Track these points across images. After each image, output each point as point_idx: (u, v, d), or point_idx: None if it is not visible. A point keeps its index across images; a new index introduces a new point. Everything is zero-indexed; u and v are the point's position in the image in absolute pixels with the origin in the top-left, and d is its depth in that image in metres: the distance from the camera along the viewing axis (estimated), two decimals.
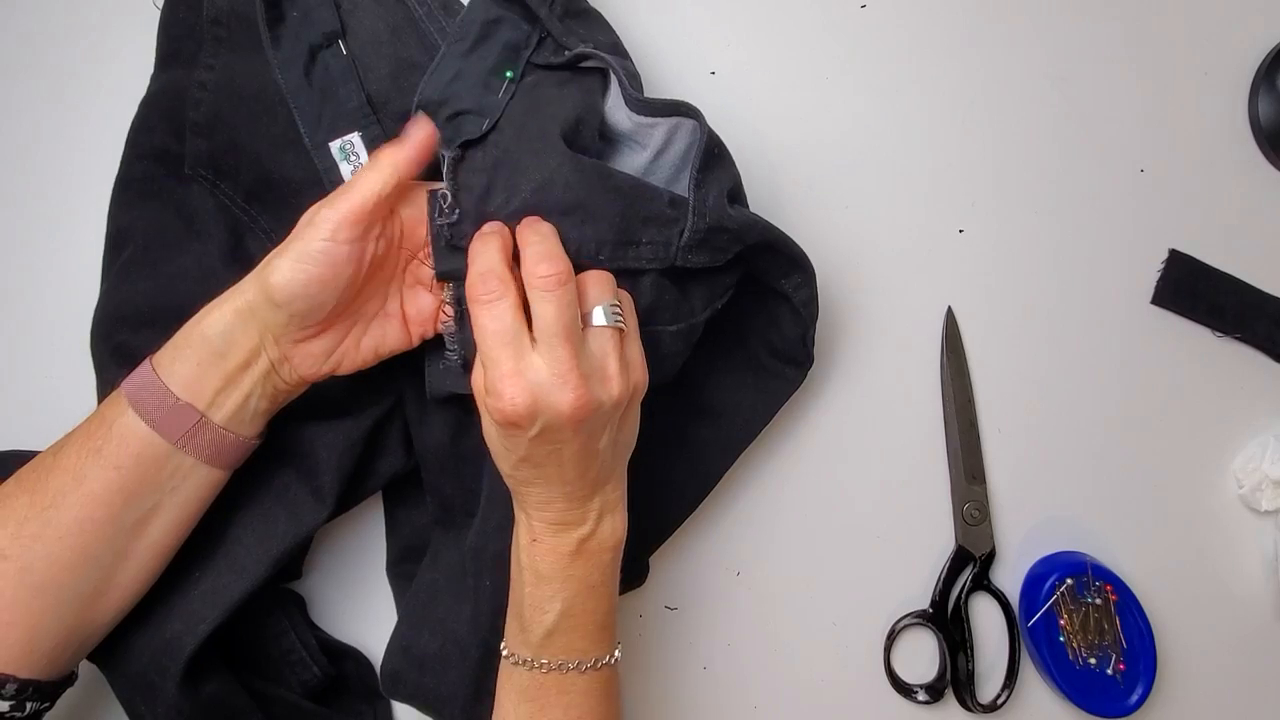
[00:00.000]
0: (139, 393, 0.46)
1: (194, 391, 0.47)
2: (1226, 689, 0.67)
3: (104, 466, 0.46)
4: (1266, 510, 0.66)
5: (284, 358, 0.48)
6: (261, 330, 0.47)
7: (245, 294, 0.47)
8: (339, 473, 0.55)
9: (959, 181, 0.67)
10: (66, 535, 0.45)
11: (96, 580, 0.47)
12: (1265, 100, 0.67)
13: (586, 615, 0.48)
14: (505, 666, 0.49)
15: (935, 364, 0.66)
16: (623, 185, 0.48)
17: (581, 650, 0.48)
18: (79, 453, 0.46)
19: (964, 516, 0.64)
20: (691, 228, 0.49)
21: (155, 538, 0.48)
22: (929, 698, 0.64)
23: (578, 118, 0.51)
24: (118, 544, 0.47)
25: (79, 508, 0.45)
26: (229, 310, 0.47)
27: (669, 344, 0.51)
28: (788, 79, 0.66)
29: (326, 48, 0.54)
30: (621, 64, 0.52)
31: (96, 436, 0.46)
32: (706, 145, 0.50)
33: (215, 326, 0.47)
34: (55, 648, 0.46)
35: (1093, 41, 0.68)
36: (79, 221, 0.60)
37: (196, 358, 0.47)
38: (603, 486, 0.48)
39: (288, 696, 0.55)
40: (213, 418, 0.47)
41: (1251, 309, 0.67)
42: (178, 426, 0.46)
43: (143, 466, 0.46)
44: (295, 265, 0.45)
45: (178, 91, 0.56)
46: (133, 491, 0.46)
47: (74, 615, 0.46)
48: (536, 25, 0.53)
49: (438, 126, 0.51)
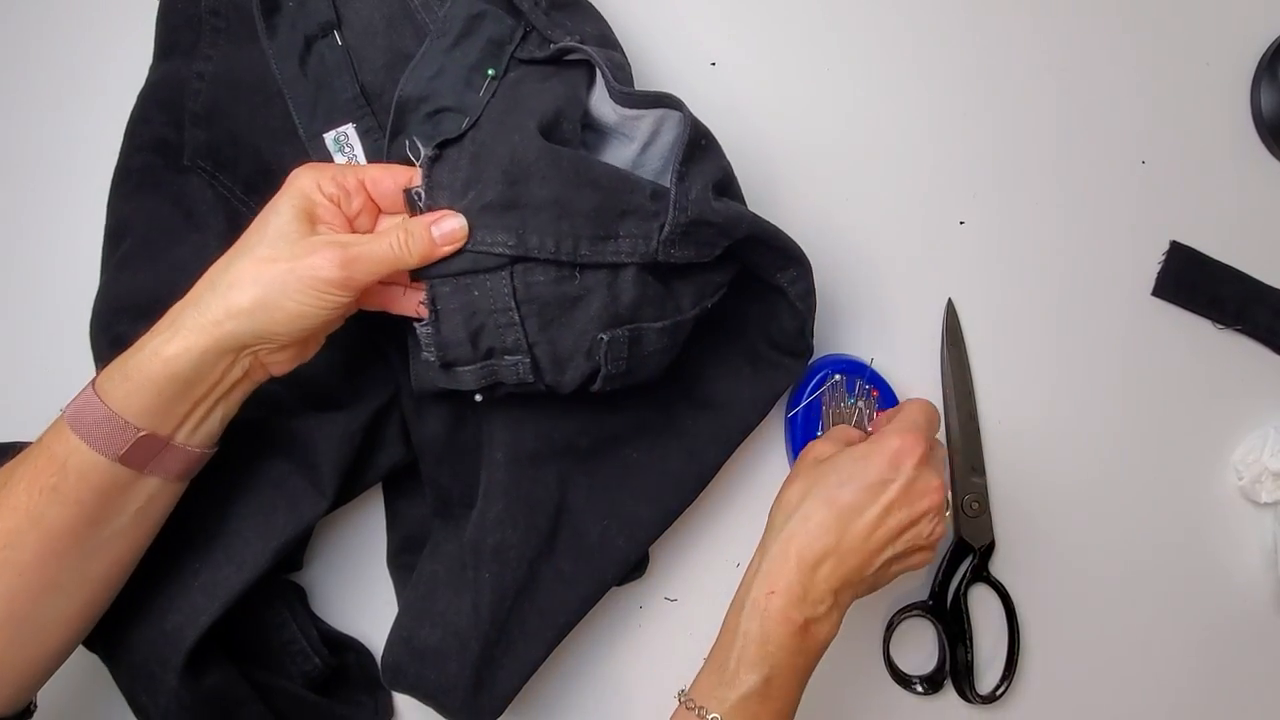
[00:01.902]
0: (91, 428, 0.44)
1: (157, 421, 0.45)
2: (1226, 680, 0.67)
3: (63, 503, 0.44)
4: (1266, 502, 0.66)
5: (259, 364, 0.47)
6: (238, 351, 0.45)
7: (223, 324, 0.44)
8: (338, 465, 0.55)
9: (960, 173, 0.66)
10: (27, 571, 0.44)
11: (60, 607, 0.45)
12: (1267, 92, 0.67)
13: (781, 696, 0.48)
14: (682, 714, 0.48)
15: (935, 355, 0.66)
16: (601, 178, 0.48)
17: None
18: (29, 490, 0.43)
19: (963, 508, 0.64)
20: (672, 221, 0.48)
21: (118, 554, 0.47)
22: (928, 689, 0.64)
23: (557, 110, 0.50)
24: (81, 569, 0.45)
25: (38, 545, 0.43)
26: (201, 341, 0.44)
27: (653, 341, 0.51)
28: (788, 70, 0.66)
29: (322, 38, 0.54)
30: (607, 55, 0.52)
31: (47, 473, 0.44)
32: (691, 137, 0.49)
33: (183, 360, 0.44)
34: (17, 679, 0.45)
35: (1094, 32, 0.68)
36: (78, 213, 0.60)
37: (157, 390, 0.44)
38: (852, 588, 0.50)
39: (289, 687, 0.55)
40: (177, 439, 0.46)
41: (1252, 300, 0.67)
42: (143, 456, 0.45)
43: (106, 496, 0.45)
44: (302, 307, 0.44)
45: (176, 82, 0.56)
46: (96, 519, 0.45)
47: (37, 645, 0.45)
48: (521, 20, 0.53)
49: (417, 123, 0.51)
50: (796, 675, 0.48)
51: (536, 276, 0.47)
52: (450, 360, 0.49)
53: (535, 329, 0.48)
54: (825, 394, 0.61)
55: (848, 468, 0.51)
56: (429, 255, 0.46)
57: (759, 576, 0.49)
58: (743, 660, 0.47)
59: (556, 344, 0.48)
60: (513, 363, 0.49)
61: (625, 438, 0.57)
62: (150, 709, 0.51)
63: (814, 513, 0.50)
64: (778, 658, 0.47)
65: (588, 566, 0.55)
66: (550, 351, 0.49)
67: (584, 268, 0.48)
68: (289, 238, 0.45)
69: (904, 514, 0.50)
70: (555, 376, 0.49)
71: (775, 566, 0.49)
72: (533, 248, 0.47)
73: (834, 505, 0.50)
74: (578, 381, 0.50)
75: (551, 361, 0.49)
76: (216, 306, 0.44)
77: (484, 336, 0.48)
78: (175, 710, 0.50)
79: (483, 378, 0.49)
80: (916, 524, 0.50)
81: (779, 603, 0.48)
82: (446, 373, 0.50)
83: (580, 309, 0.48)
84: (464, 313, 0.48)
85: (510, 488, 0.54)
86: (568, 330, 0.48)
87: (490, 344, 0.48)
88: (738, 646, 0.48)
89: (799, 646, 0.48)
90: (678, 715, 0.48)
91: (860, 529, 0.49)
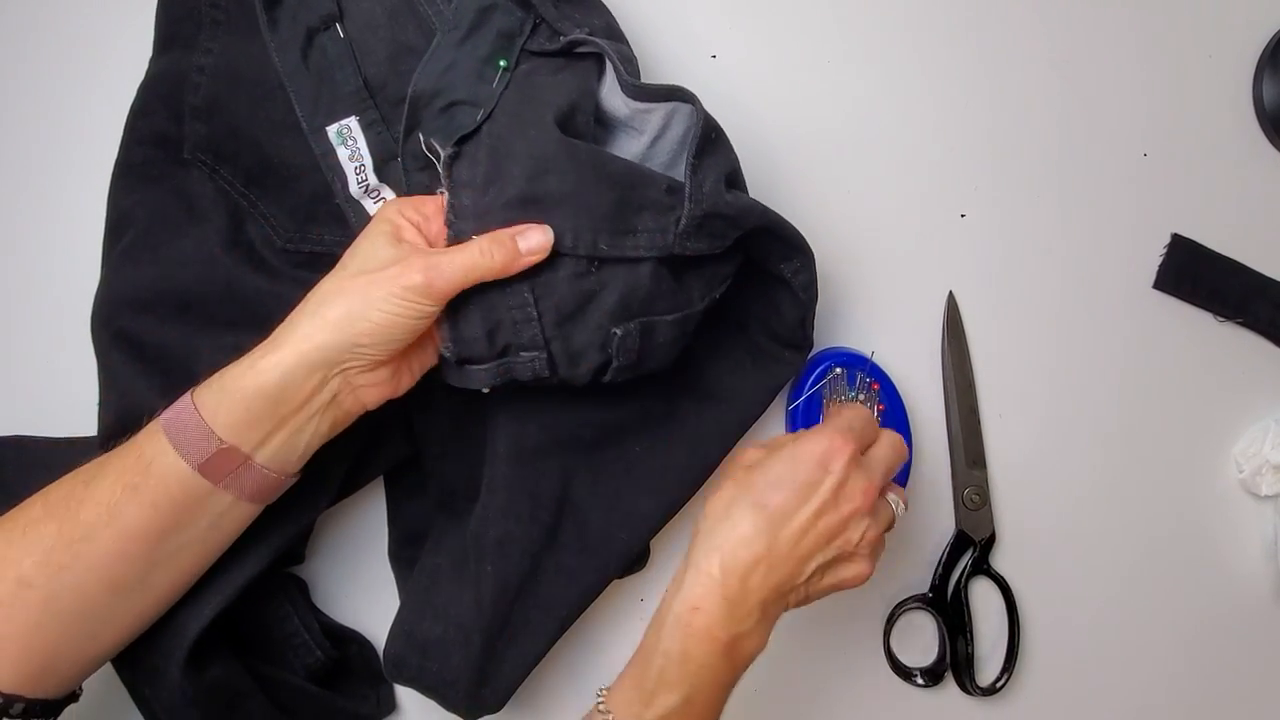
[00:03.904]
0: (180, 432, 0.45)
1: (241, 435, 0.45)
2: (1226, 671, 0.67)
3: (141, 504, 0.44)
4: (1267, 495, 0.66)
5: (349, 386, 0.47)
6: (328, 368, 0.45)
7: (313, 338, 0.45)
8: (341, 458, 0.55)
9: (961, 166, 0.66)
10: (97, 567, 0.44)
11: (121, 609, 0.46)
12: (1269, 84, 0.67)
13: (702, 713, 0.46)
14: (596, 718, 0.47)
15: (936, 348, 0.66)
16: (618, 172, 0.48)
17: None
18: (113, 487, 0.45)
19: (964, 501, 0.64)
20: (689, 214, 0.48)
21: (185, 567, 0.48)
22: (928, 681, 0.64)
23: (572, 104, 0.50)
24: (147, 575, 0.46)
25: (112, 543, 0.44)
26: (290, 356, 0.45)
27: (665, 333, 0.51)
28: (790, 63, 0.66)
29: (324, 31, 0.54)
30: (617, 48, 0.52)
31: (133, 472, 0.45)
32: (703, 130, 0.49)
33: (272, 373, 0.45)
34: (69, 669, 0.46)
35: (1096, 25, 0.67)
36: (79, 207, 0.60)
37: (246, 404, 0.45)
38: (782, 599, 0.47)
39: (291, 680, 0.56)
40: (256, 459, 0.46)
41: (1253, 294, 0.67)
42: (221, 469, 0.45)
43: (180, 506, 0.45)
44: (386, 316, 0.44)
45: (177, 75, 0.56)
46: (169, 528, 0.45)
47: (92, 639, 0.46)
48: (531, 12, 0.53)
49: (431, 118, 0.51)
50: (719, 690, 0.46)
51: (554, 272, 0.48)
52: (466, 357, 0.49)
53: (552, 325, 0.48)
54: (826, 387, 0.61)
55: (776, 471, 0.48)
56: (511, 264, 0.46)
57: (682, 590, 0.46)
58: (662, 681, 0.45)
59: (571, 339, 0.49)
60: (528, 359, 0.49)
61: (627, 431, 0.57)
62: (153, 702, 0.51)
63: (742, 519, 0.47)
64: (700, 676, 0.45)
65: (590, 559, 0.55)
66: (565, 347, 0.49)
67: (602, 262, 0.48)
68: (377, 256, 0.46)
69: (832, 517, 0.47)
70: (569, 371, 0.49)
71: (700, 580, 0.46)
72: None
73: (764, 510, 0.47)
74: (589, 375, 0.50)
75: (566, 356, 0.49)
76: (307, 323, 0.45)
77: (500, 333, 0.48)
78: (178, 703, 0.50)
79: (496, 376, 0.49)
80: (845, 529, 0.47)
81: (703, 620, 0.45)
82: (460, 370, 0.50)
83: (596, 304, 0.48)
84: (481, 309, 0.48)
85: (513, 481, 0.54)
86: (583, 325, 0.48)
87: (507, 340, 0.48)
88: (656, 665, 0.46)
89: (723, 664, 0.46)
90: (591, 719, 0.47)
91: (790, 534, 0.46)
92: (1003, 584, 0.65)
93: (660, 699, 0.45)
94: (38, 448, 0.56)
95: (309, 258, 0.55)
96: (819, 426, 0.50)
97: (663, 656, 0.46)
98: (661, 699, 0.45)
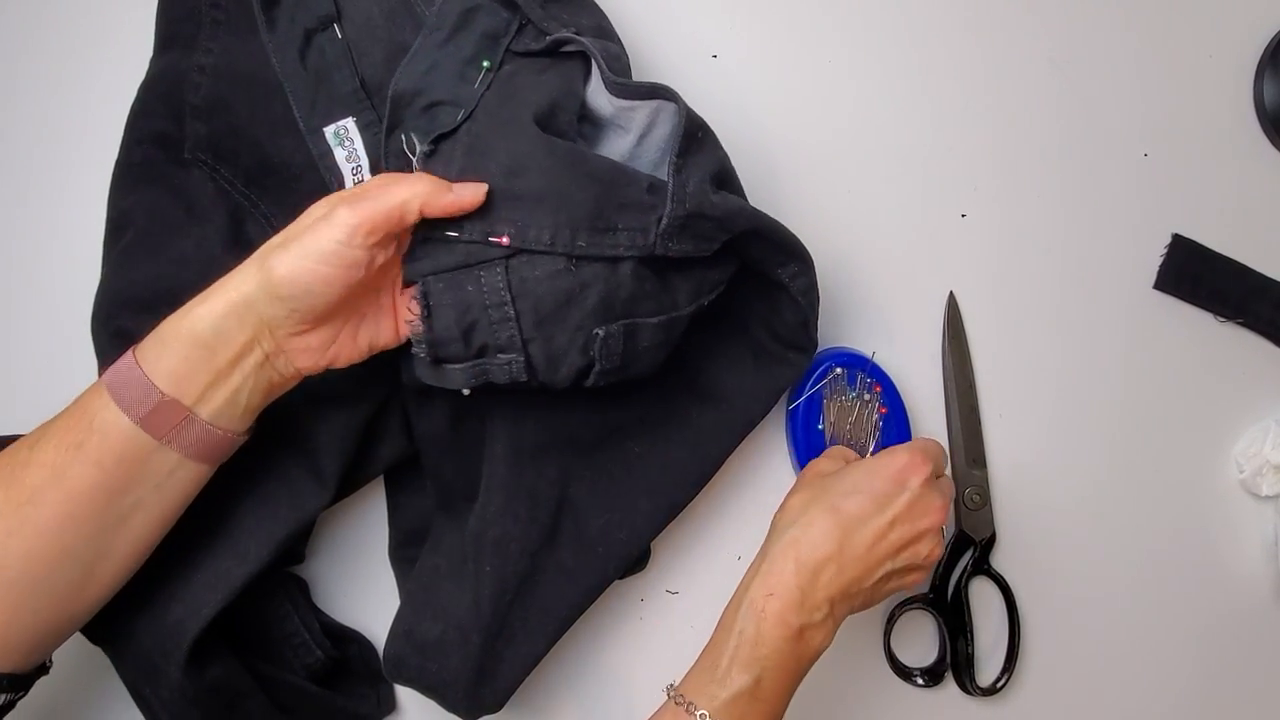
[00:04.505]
0: (122, 387, 0.44)
1: (181, 387, 0.45)
2: (1226, 672, 0.67)
3: (85, 463, 0.44)
4: (1267, 495, 0.66)
5: (280, 349, 0.47)
6: (257, 323, 0.46)
7: (241, 286, 0.45)
8: (340, 457, 0.55)
9: (961, 166, 0.66)
10: (45, 532, 0.44)
11: (75, 575, 0.45)
12: (1270, 84, 0.67)
13: (771, 699, 0.48)
14: (670, 709, 0.48)
15: (937, 349, 0.66)
16: (597, 170, 0.48)
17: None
18: (57, 447, 0.44)
19: (965, 501, 0.64)
20: (670, 214, 0.48)
21: (137, 532, 0.47)
22: (928, 681, 0.64)
23: (553, 102, 0.50)
24: (98, 540, 0.45)
25: (58, 504, 0.44)
26: (221, 303, 0.45)
27: (649, 336, 0.50)
28: (790, 63, 0.66)
29: (321, 31, 0.54)
30: (603, 46, 0.52)
31: (76, 430, 0.44)
32: (687, 129, 0.49)
33: (205, 320, 0.45)
34: (30, 640, 0.45)
35: (1096, 24, 0.67)
36: (79, 206, 0.60)
37: (184, 352, 0.45)
38: (849, 600, 0.50)
39: (291, 679, 0.56)
40: (200, 413, 0.46)
41: (1254, 294, 0.67)
42: (163, 423, 0.45)
43: (125, 463, 0.45)
44: (303, 261, 0.44)
45: (177, 75, 0.56)
46: (115, 488, 0.45)
47: (50, 609, 0.45)
48: (516, 12, 0.53)
49: (413, 117, 0.50)
50: (787, 679, 0.49)
51: (532, 271, 0.47)
52: (441, 357, 0.49)
53: (530, 325, 0.48)
54: (826, 387, 0.61)
55: (853, 479, 0.52)
56: (436, 199, 0.46)
57: (758, 578, 0.49)
58: (736, 660, 0.48)
59: (551, 341, 0.48)
60: (505, 361, 0.48)
61: (628, 431, 0.57)
62: (153, 701, 0.51)
63: (817, 520, 0.50)
64: (770, 660, 0.48)
65: (589, 560, 0.55)
66: (545, 349, 0.48)
67: (581, 261, 0.48)
68: (314, 213, 0.46)
69: (907, 529, 0.51)
70: (549, 374, 0.49)
71: (775, 569, 0.49)
72: (530, 240, 0.47)
73: (838, 514, 0.50)
74: (571, 378, 0.49)
75: (545, 359, 0.49)
76: (239, 275, 0.46)
77: (477, 333, 0.48)
78: (178, 702, 0.50)
79: (473, 377, 0.49)
80: (918, 542, 0.51)
81: (776, 606, 0.48)
82: (436, 370, 0.49)
83: (576, 303, 0.48)
84: (457, 309, 0.47)
85: (512, 481, 0.54)
86: (563, 326, 0.48)
87: (483, 340, 0.48)
88: (731, 645, 0.48)
89: (792, 651, 0.48)
90: (665, 710, 0.48)
91: (863, 540, 0.50)
92: (1003, 584, 0.65)
93: (733, 678, 0.47)
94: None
95: None
96: (899, 446, 0.54)
97: (737, 637, 0.48)
98: (734, 678, 0.47)
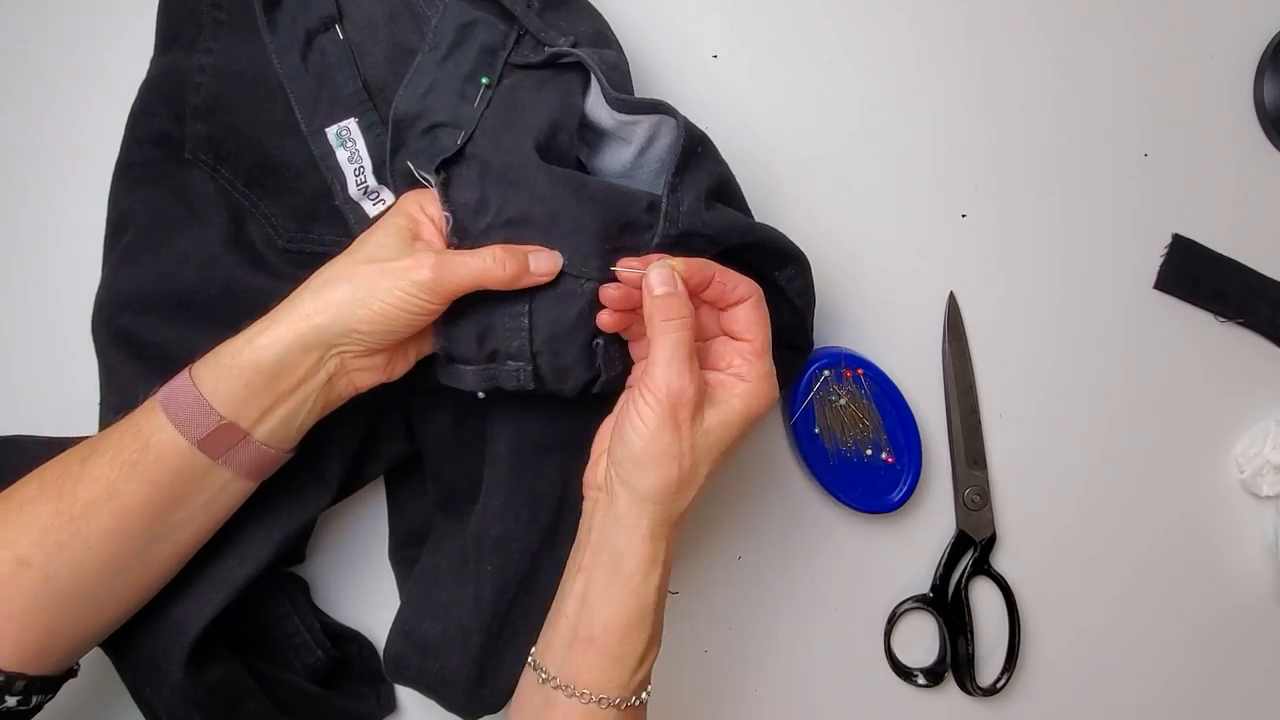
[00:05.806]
0: (179, 409, 0.45)
1: (239, 410, 0.45)
2: (1226, 672, 0.67)
3: (139, 481, 0.45)
4: (1267, 495, 0.66)
5: (344, 370, 0.47)
6: (325, 349, 0.46)
7: (314, 318, 0.45)
8: (341, 457, 0.55)
9: (961, 166, 0.66)
10: (95, 545, 0.44)
11: (119, 586, 0.46)
12: (1270, 84, 0.67)
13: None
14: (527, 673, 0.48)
15: (937, 349, 0.66)
16: (599, 194, 0.48)
17: (601, 672, 0.46)
18: (111, 463, 0.45)
19: (965, 501, 0.64)
20: (662, 233, 0.48)
21: (180, 545, 0.48)
22: (929, 681, 0.64)
23: (553, 124, 0.50)
24: (145, 553, 0.46)
25: (110, 520, 0.44)
26: (289, 332, 0.45)
27: None
28: (790, 63, 0.66)
29: (323, 32, 0.54)
30: (603, 57, 0.52)
31: (130, 449, 0.45)
32: (685, 145, 0.49)
33: (270, 350, 0.45)
34: (66, 646, 0.46)
35: (1096, 24, 0.67)
36: (80, 206, 0.60)
37: (245, 379, 0.45)
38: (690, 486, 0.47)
39: (292, 679, 0.56)
40: (256, 435, 0.46)
41: (1254, 294, 0.67)
42: (220, 444, 0.46)
43: (179, 481, 0.45)
44: (386, 308, 0.45)
45: (178, 75, 0.56)
46: (166, 505, 0.46)
47: (92, 618, 0.46)
48: (514, 24, 0.53)
49: (415, 139, 0.51)
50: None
51: (552, 289, 0.48)
52: (454, 356, 0.49)
53: (542, 339, 0.48)
54: (815, 393, 0.61)
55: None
56: (519, 279, 0.46)
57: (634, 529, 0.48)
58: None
59: (559, 355, 0.49)
60: (514, 369, 0.49)
61: None
62: (154, 701, 0.51)
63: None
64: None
65: None
66: (553, 363, 0.49)
67: (589, 282, 0.48)
68: (389, 247, 0.46)
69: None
70: (557, 385, 0.50)
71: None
72: None
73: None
74: (579, 389, 0.50)
75: (554, 372, 0.49)
76: (310, 302, 0.46)
77: (490, 338, 0.48)
78: (179, 702, 0.50)
79: (484, 380, 0.49)
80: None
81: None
82: (448, 368, 0.50)
83: (585, 323, 0.49)
84: (476, 312, 0.48)
85: (512, 481, 0.54)
86: (571, 341, 0.49)
87: (495, 346, 0.48)
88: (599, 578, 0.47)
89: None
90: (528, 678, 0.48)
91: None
92: (1003, 584, 0.65)
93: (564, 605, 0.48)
94: (34, 447, 0.56)
95: (310, 257, 0.55)
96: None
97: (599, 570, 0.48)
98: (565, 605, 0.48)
